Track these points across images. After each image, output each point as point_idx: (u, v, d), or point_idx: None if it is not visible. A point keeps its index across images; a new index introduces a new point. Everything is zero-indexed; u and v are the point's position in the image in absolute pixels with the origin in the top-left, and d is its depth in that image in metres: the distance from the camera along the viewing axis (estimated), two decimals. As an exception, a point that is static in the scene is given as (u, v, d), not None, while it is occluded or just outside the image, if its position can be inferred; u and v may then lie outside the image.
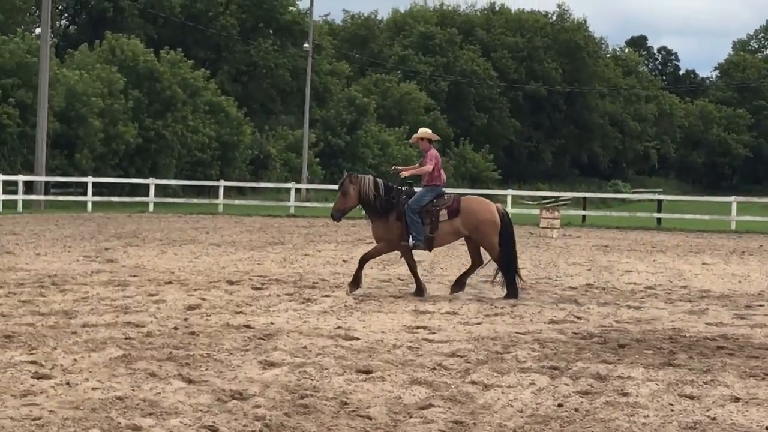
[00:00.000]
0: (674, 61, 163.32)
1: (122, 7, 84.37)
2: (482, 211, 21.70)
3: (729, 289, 23.98)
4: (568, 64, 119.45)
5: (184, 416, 10.42)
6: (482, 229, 21.52)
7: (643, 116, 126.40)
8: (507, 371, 13.25)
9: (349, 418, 10.66)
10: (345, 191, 21.44)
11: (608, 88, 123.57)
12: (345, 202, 21.63)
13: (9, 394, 11.19)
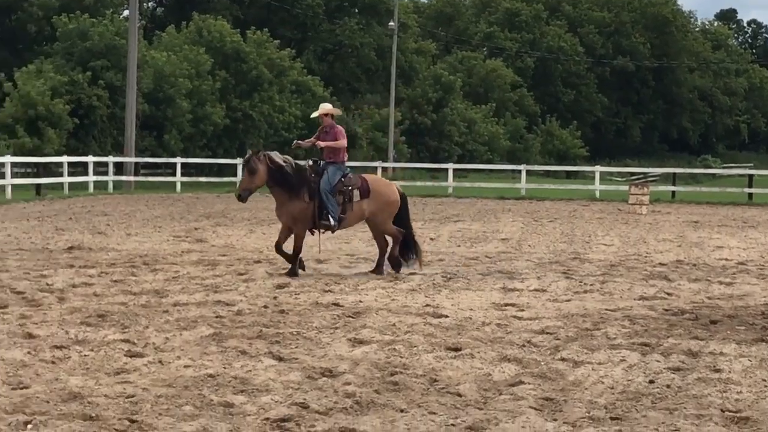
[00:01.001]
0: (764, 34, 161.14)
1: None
2: (390, 193, 21.10)
3: (822, 265, 23.68)
4: (656, 39, 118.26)
5: (275, 393, 10.49)
6: (387, 211, 20.93)
7: (732, 90, 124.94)
8: (597, 348, 13.20)
9: (438, 395, 10.68)
10: (253, 169, 19.88)
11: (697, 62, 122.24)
12: (252, 181, 20.04)
13: (103, 372, 11.34)
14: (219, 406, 9.96)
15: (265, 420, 9.48)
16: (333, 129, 20.84)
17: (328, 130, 20.92)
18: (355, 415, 9.82)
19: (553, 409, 10.20)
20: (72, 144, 59.33)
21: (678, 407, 10.33)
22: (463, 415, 9.87)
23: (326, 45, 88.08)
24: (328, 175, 20.39)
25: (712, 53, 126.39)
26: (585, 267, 22.35)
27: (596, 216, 40.68)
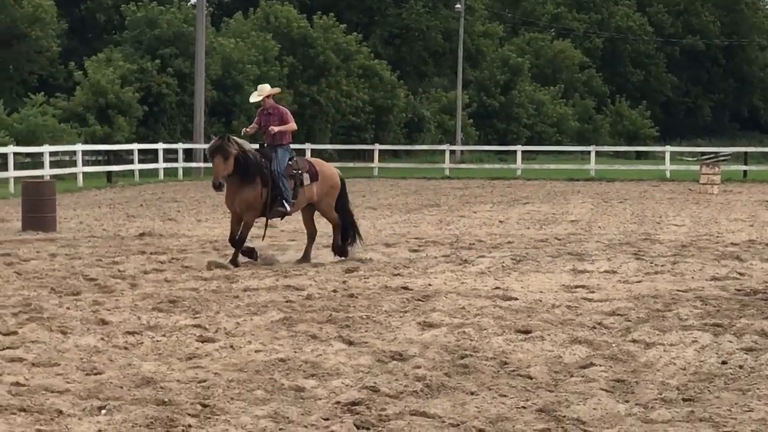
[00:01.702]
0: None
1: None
2: (334, 176, 20.32)
3: None
4: (726, 17, 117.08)
5: (346, 377, 10.53)
6: (332, 194, 20.13)
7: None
8: (669, 329, 13.12)
9: (509, 377, 10.67)
10: (228, 154, 18.54)
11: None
12: (227, 167, 18.66)
13: (175, 357, 11.43)
14: (290, 390, 10.01)
15: (335, 404, 9.51)
16: (277, 110, 19.89)
17: (271, 111, 19.85)
18: (426, 398, 9.84)
19: (625, 391, 10.16)
20: (142, 131, 59.72)
21: (751, 388, 10.26)
22: (534, 398, 9.87)
23: (393, 29, 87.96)
24: (278, 158, 19.39)
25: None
26: (656, 248, 22.22)
27: (667, 196, 40.44)
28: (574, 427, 8.92)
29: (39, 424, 8.81)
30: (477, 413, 9.30)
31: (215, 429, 8.70)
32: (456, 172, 59.25)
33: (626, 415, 9.31)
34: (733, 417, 9.24)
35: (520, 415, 9.26)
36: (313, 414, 9.18)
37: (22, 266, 18.78)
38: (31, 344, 11.94)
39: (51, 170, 43.50)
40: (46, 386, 10.02)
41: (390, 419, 9.03)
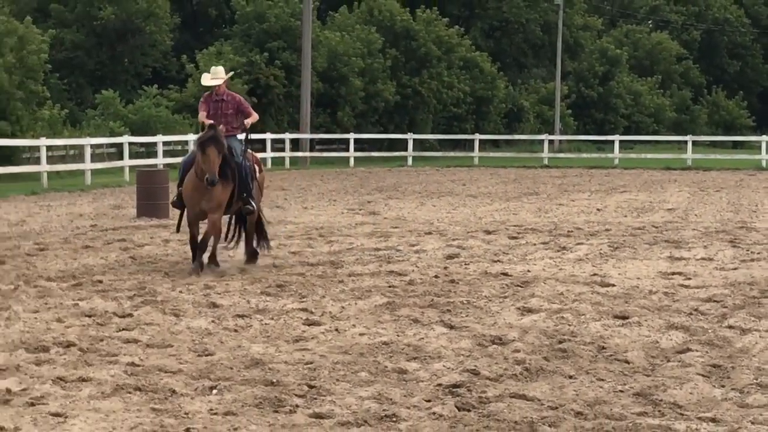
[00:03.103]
0: None
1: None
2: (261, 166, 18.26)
3: None
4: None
5: (447, 360, 10.54)
6: (262, 188, 18.33)
7: None
8: (765, 316, 12.98)
9: (606, 362, 10.62)
10: (222, 147, 15.83)
11: None
12: (220, 160, 15.95)
13: (283, 339, 11.52)
14: (393, 373, 10.05)
15: (437, 386, 9.53)
16: (232, 97, 17.06)
17: (225, 98, 16.95)
18: (525, 381, 9.83)
19: (721, 376, 10.07)
20: (250, 122, 60.09)
21: None
22: (631, 382, 9.81)
23: (493, 22, 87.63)
24: (236, 151, 16.84)
25: None
26: (752, 235, 21.96)
27: (763, 185, 39.91)
28: (670, 410, 8.86)
29: (153, 402, 8.94)
30: (575, 396, 9.27)
31: (321, 409, 8.76)
32: (554, 161, 58.97)
33: (722, 399, 9.23)
34: (829, 403, 9.12)
35: (618, 399, 9.22)
36: (415, 396, 9.21)
37: (136, 251, 19.05)
38: (146, 326, 12.11)
39: (164, 159, 43.95)
40: (159, 366, 10.17)
41: (490, 401, 9.04)
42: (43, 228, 23.16)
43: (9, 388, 9.22)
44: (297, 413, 8.67)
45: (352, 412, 8.69)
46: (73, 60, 60.77)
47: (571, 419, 8.55)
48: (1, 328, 11.92)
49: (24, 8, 56.95)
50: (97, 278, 15.72)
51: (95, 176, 39.78)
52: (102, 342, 11.27)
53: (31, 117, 45.59)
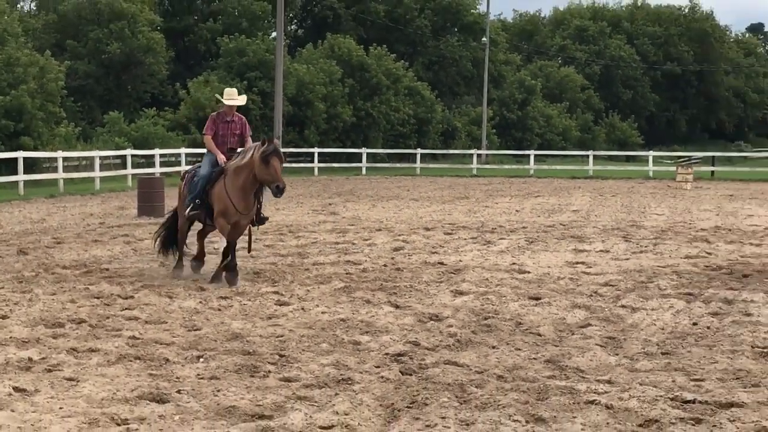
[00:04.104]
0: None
1: (339, 14, 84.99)
2: None
3: (836, 229, 23.15)
4: (698, 48, 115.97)
5: (393, 334, 10.55)
6: None
7: (761, 89, 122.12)
8: (651, 297, 13.07)
9: (523, 334, 10.67)
10: (282, 159, 14.16)
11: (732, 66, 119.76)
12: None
13: (258, 317, 11.50)
14: (349, 344, 10.05)
15: (385, 355, 9.54)
16: (240, 119, 15.50)
17: (235, 120, 15.36)
18: (457, 350, 9.85)
19: (615, 346, 10.14)
20: (233, 138, 60.02)
21: (716, 344, 10.21)
22: (543, 351, 9.86)
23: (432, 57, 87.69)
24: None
25: (744, 59, 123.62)
26: (641, 232, 22.11)
27: (650, 191, 40.18)
28: (574, 374, 8.91)
29: (150, 369, 8.90)
30: (497, 363, 9.30)
31: (289, 374, 8.74)
32: (481, 172, 59.09)
33: (616, 365, 9.29)
34: (702, 367, 9.19)
35: (531, 365, 9.26)
36: (367, 363, 9.21)
37: (137, 244, 18.94)
38: (145, 306, 12.05)
39: (161, 168, 43.81)
40: (156, 339, 10.12)
41: (428, 367, 9.05)
42: (60, 225, 22.98)
43: (30, 357, 9.18)
44: (269, 377, 8.65)
45: (314, 376, 8.68)
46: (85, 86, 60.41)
47: (493, 381, 8.58)
48: (24, 307, 11.84)
49: (44, 44, 56.63)
50: (104, 266, 15.64)
51: (103, 183, 39.65)
52: (108, 319, 11.21)
53: (50, 134, 45.34)
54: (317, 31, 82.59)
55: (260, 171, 13.77)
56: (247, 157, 14.04)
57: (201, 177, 14.54)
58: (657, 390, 8.24)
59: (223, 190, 14.10)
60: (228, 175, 14.16)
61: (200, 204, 14.42)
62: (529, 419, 7.43)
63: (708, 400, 7.96)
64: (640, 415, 7.52)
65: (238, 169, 14.03)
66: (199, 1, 74.60)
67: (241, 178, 13.96)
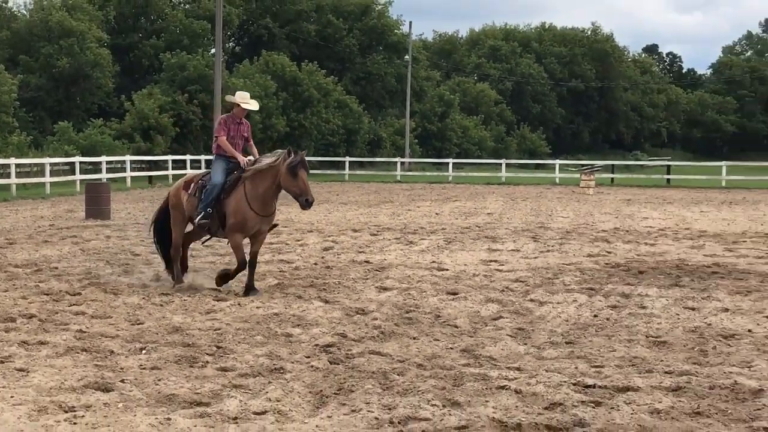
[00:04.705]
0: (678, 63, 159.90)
1: (273, 32, 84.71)
2: None
3: (720, 230, 23.58)
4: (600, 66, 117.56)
5: (323, 326, 10.52)
6: None
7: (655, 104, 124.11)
8: (556, 292, 13.19)
9: (441, 326, 10.70)
10: (308, 169, 12.90)
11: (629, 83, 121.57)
12: None
13: (197, 311, 11.40)
14: (281, 336, 10.00)
15: (315, 346, 9.51)
16: (246, 123, 13.97)
17: (243, 122, 13.86)
18: (381, 341, 9.85)
19: (524, 336, 10.21)
20: (174, 146, 59.50)
21: (614, 334, 10.33)
22: (459, 341, 9.89)
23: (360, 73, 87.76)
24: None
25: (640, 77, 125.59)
26: (548, 233, 22.32)
27: (556, 196, 40.61)
28: (487, 362, 8.95)
29: (96, 360, 8.78)
30: (417, 352, 9.32)
31: (226, 364, 8.68)
32: (405, 178, 59.25)
33: (525, 354, 9.36)
34: (602, 355, 9.30)
35: (449, 354, 9.28)
36: (298, 353, 9.17)
37: (85, 245, 18.67)
38: (91, 302, 11.88)
39: (107, 174, 43.32)
40: (101, 333, 9.98)
41: (354, 357, 9.04)
42: (12, 227, 22.57)
43: (-17, 350, 8.99)
44: (207, 367, 8.57)
45: (249, 366, 8.62)
46: (36, 98, 59.51)
47: (414, 369, 8.59)
48: (-23, 304, 11.59)
49: (-2, 58, 55.88)
50: (53, 265, 15.39)
51: (53, 188, 39.06)
52: (57, 314, 11.03)
53: (4, 142, 44.67)
54: (253, 48, 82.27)
55: (287, 182, 12.55)
56: (265, 165, 12.73)
57: (214, 185, 13.03)
58: (561, 376, 8.32)
59: (243, 198, 12.75)
60: (247, 183, 12.81)
61: (211, 213, 13.00)
62: (445, 403, 7.46)
63: (607, 384, 8.05)
64: (545, 399, 7.59)
65: (258, 176, 12.76)
66: (143, 19, 73.99)
67: (262, 186, 12.73)
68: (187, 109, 61.16)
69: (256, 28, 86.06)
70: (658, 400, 7.59)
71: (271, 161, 12.76)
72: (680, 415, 7.24)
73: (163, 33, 71.37)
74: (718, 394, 7.80)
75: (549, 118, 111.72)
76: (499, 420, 7.02)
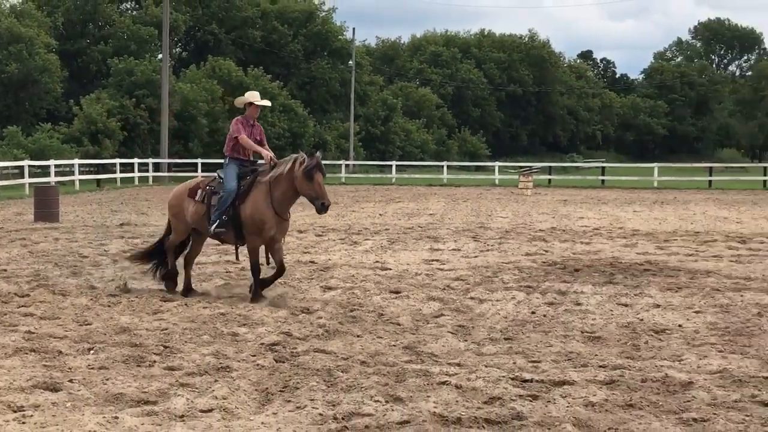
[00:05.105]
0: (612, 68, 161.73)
1: (220, 38, 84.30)
2: None
3: (652, 229, 23.88)
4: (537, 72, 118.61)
5: (268, 325, 10.48)
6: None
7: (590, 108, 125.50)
8: (496, 290, 13.27)
9: (384, 324, 10.70)
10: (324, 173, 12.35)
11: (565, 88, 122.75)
12: None
13: (145, 312, 11.28)
14: (228, 335, 9.94)
15: (261, 344, 9.46)
16: (260, 127, 13.19)
17: (255, 124, 13.07)
18: (325, 339, 9.83)
19: (465, 333, 10.25)
20: (122, 150, 59.00)
21: (551, 330, 10.42)
22: (401, 339, 9.90)
23: (305, 78, 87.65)
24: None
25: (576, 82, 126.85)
26: (488, 233, 22.43)
27: (496, 197, 40.86)
28: (429, 359, 8.97)
29: (45, 361, 8.65)
30: (361, 350, 9.31)
31: (173, 363, 8.60)
32: (349, 180, 59.24)
33: (465, 350, 9.40)
34: (539, 350, 9.37)
35: (391, 351, 9.29)
36: (244, 352, 9.12)
37: (33, 247, 18.40)
38: (39, 303, 11.71)
39: (55, 178, 42.70)
40: (50, 334, 9.84)
41: (300, 355, 9.01)
42: (-40, 230, 22.18)
43: (-70, 353, 8.82)
44: (155, 367, 8.49)
45: (196, 365, 8.55)
46: (-15, 103, 58.76)
47: (357, 366, 8.59)
48: (-75, 306, 11.36)
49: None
50: (2, 267, 15.15)
51: (2, 191, 38.48)
52: (5, 315, 10.85)
53: (-48, 146, 43.97)
54: (200, 54, 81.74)
55: (303, 186, 11.91)
56: (282, 170, 12.04)
57: (229, 191, 12.15)
58: (500, 371, 8.36)
59: (262, 201, 11.99)
60: (265, 186, 12.07)
61: (227, 221, 12.15)
62: (388, 399, 7.46)
63: (544, 379, 8.11)
64: (485, 394, 7.62)
65: (275, 180, 12.05)
66: (91, 25, 73.19)
67: (279, 189, 12.03)
68: (135, 113, 60.64)
69: (202, 34, 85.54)
70: (593, 393, 7.66)
71: (286, 164, 12.09)
72: (613, 407, 7.32)
73: (111, 39, 70.69)
74: (650, 387, 7.90)
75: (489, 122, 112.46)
76: (440, 414, 7.04)
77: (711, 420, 6.96)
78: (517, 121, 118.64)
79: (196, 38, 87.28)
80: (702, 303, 12.24)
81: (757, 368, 8.60)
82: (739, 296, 12.75)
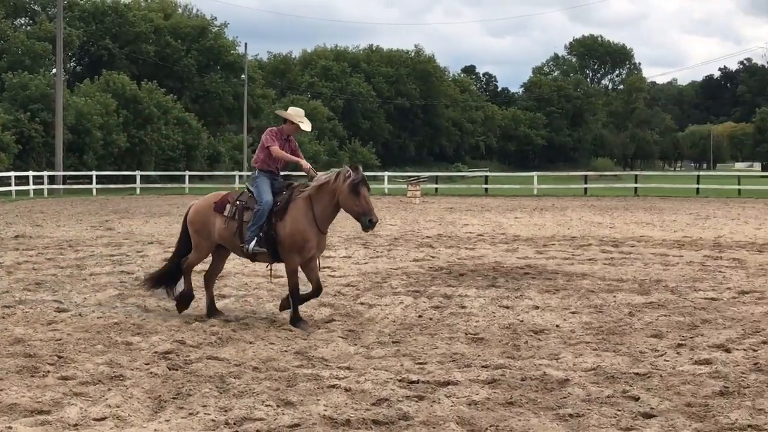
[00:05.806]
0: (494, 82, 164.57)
1: (114, 53, 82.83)
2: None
3: (532, 234, 24.32)
4: (423, 86, 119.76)
5: (162, 334, 10.31)
6: None
7: (474, 120, 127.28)
8: (384, 295, 13.32)
9: (276, 330, 10.64)
10: (368, 187, 11.10)
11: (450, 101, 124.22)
12: None
13: (39, 323, 10.98)
14: (122, 344, 9.75)
15: (154, 353, 9.31)
16: (294, 143, 11.64)
17: (291, 139, 11.61)
18: (218, 347, 9.72)
19: (354, 338, 10.26)
20: (17, 163, 57.45)
21: (437, 332, 10.50)
22: (293, 344, 9.87)
23: (198, 92, 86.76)
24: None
25: (460, 95, 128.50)
26: (377, 240, 22.50)
27: (385, 206, 41.04)
28: (320, 363, 8.96)
29: (-65, 374, 8.33)
30: (253, 356, 9.24)
31: (67, 373, 8.39)
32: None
33: (355, 353, 9.41)
34: (425, 353, 9.44)
35: (283, 356, 9.25)
36: (138, 361, 8.96)
37: (-75, 261, 17.73)
38: (-69, 317, 11.28)
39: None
40: (-59, 347, 9.49)
41: (193, 362, 8.89)
42: None
43: None
44: (48, 376, 8.27)
45: (90, 374, 8.36)
46: None
47: (250, 372, 8.52)
48: None
49: None
50: None
51: None
52: None
53: None
54: (94, 68, 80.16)
55: (348, 201, 10.75)
56: (324, 183, 10.94)
57: (264, 206, 10.97)
58: (388, 373, 8.40)
59: (303, 216, 10.86)
60: (306, 200, 10.95)
61: (264, 238, 11.00)
62: (279, 403, 7.42)
63: (429, 380, 8.17)
64: (373, 395, 7.65)
65: (316, 194, 10.96)
66: (-16, 39, 71.10)
67: (320, 204, 10.93)
68: (30, 127, 59.11)
69: (96, 48, 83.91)
70: (476, 392, 7.75)
71: (328, 178, 10.96)
72: (495, 405, 7.42)
73: (5, 54, 68.75)
74: (529, 385, 8.04)
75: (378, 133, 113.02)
76: (330, 417, 7.04)
77: (586, 415, 7.12)
78: (405, 133, 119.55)
79: (90, 53, 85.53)
80: (578, 304, 12.50)
81: (628, 365, 8.83)
82: (612, 297, 13.07)
